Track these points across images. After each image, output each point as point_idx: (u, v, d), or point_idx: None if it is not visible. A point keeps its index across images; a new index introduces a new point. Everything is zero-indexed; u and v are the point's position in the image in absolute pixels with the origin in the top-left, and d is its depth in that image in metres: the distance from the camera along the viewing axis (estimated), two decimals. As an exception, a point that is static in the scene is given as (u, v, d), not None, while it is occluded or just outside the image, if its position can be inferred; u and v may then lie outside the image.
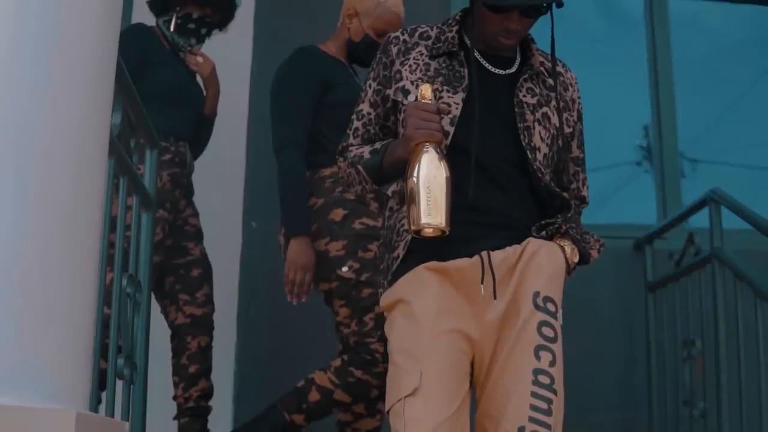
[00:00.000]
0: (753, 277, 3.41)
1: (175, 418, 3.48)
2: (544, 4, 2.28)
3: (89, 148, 1.82)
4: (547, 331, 2.18)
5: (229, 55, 4.54)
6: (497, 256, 2.21)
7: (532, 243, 2.25)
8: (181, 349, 3.51)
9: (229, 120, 4.47)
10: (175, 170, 3.45)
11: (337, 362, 3.14)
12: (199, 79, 3.71)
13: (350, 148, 2.39)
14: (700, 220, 4.09)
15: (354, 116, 2.44)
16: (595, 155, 3.69)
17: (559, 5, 2.31)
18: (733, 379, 3.54)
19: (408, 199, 2.09)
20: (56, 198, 1.73)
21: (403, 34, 2.41)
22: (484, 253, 2.21)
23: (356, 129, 2.42)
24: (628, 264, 4.45)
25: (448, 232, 2.07)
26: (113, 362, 2.55)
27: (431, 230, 2.07)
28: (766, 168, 5.60)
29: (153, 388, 2.94)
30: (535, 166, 2.29)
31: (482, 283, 2.19)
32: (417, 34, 2.41)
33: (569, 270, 2.31)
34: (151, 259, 2.93)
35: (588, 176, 2.49)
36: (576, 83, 2.49)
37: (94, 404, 2.43)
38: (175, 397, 3.49)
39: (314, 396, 3.11)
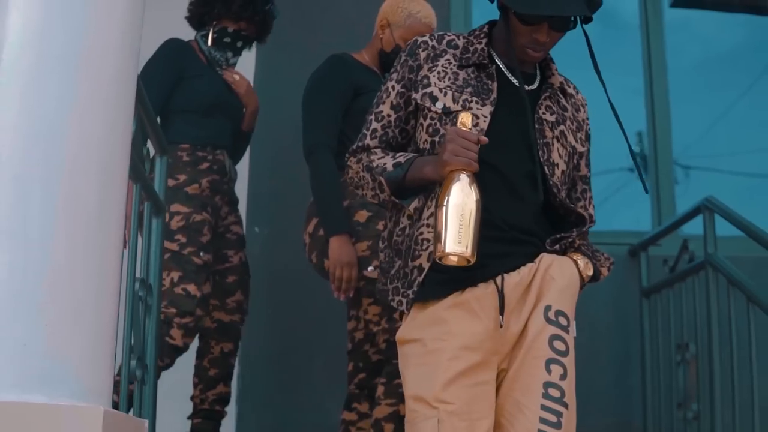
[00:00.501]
0: (745, 282, 3.44)
1: (189, 418, 3.53)
2: (572, 18, 2.29)
3: (112, 158, 1.89)
4: (559, 345, 2.18)
5: None
6: (511, 279, 2.22)
7: (545, 258, 2.26)
8: (204, 352, 3.56)
9: None
10: (214, 177, 3.50)
11: (380, 390, 3.16)
12: None
13: (373, 151, 2.36)
14: (694, 227, 4.12)
15: (372, 117, 2.40)
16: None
17: (588, 20, 2.33)
18: (726, 382, 3.57)
19: (438, 224, 2.09)
20: (82, 205, 1.81)
21: (431, 39, 2.39)
22: (498, 279, 2.21)
23: (375, 130, 2.39)
24: (624, 270, 4.47)
25: (472, 262, 2.09)
26: (126, 363, 2.63)
27: (456, 258, 2.08)
28: (758, 175, 5.63)
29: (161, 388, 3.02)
30: (551, 182, 2.29)
31: (501, 314, 2.20)
32: (445, 41, 2.40)
33: (582, 284, 2.32)
34: (161, 264, 3.00)
35: None
36: (585, 105, 2.51)
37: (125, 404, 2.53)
38: (192, 398, 3.54)
39: (389, 428, 3.12)
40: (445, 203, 2.07)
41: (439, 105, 2.29)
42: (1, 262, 1.73)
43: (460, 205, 2.06)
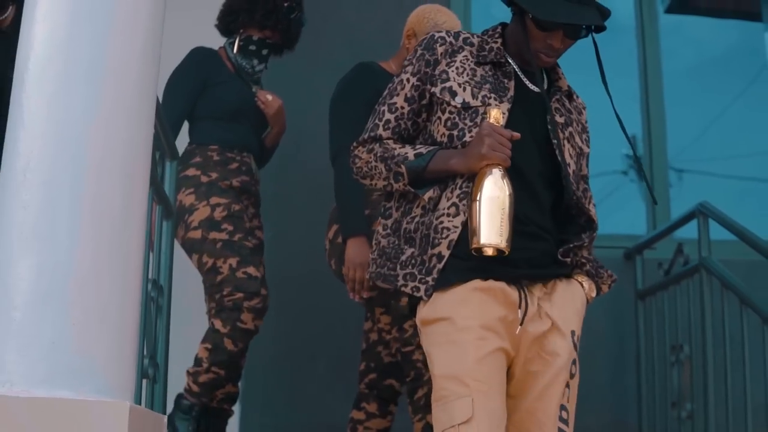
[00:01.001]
0: (738, 285, 3.51)
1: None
2: (585, 27, 2.34)
3: (134, 163, 1.97)
4: (573, 368, 2.28)
5: None
6: (533, 291, 2.28)
7: (558, 283, 2.32)
8: None
9: None
10: (243, 178, 3.57)
11: (409, 410, 3.23)
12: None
13: (386, 141, 2.37)
14: (688, 231, 4.16)
15: (385, 108, 2.40)
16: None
17: (601, 29, 2.37)
18: (720, 382, 3.64)
19: (474, 216, 2.14)
20: (107, 209, 1.89)
21: (448, 35, 2.41)
22: (521, 288, 2.26)
23: (388, 121, 2.39)
24: (620, 272, 4.36)
25: (507, 252, 2.15)
26: (140, 362, 2.70)
27: (492, 250, 2.14)
28: (751, 178, 5.66)
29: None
30: (567, 180, 2.34)
31: (520, 307, 2.24)
32: (461, 38, 2.42)
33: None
34: (171, 264, 3.07)
35: None
36: (585, 109, 2.56)
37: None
38: None
39: None
40: (479, 197, 2.14)
41: (458, 99, 2.31)
42: (31, 264, 1.81)
43: (496, 198, 2.12)
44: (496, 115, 2.20)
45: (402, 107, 2.38)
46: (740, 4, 6.07)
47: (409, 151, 2.31)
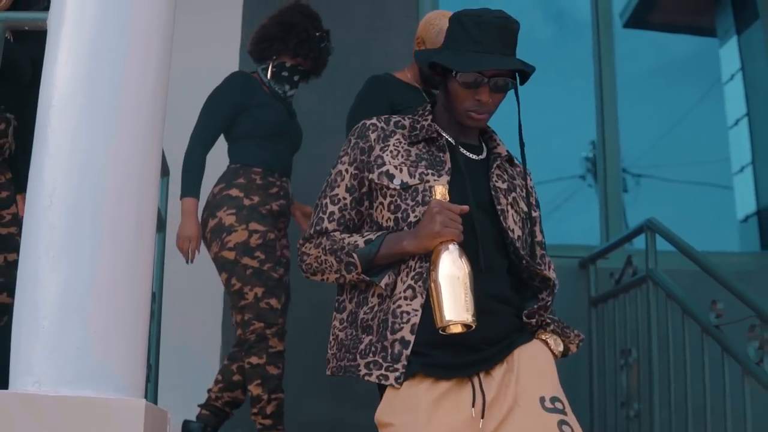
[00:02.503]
0: (681, 296, 3.73)
1: (200, 406, 3.80)
2: (509, 80, 2.31)
3: (146, 187, 2.20)
4: (566, 429, 2.16)
5: (216, 73, 4.86)
6: (488, 381, 2.22)
7: (519, 351, 2.25)
8: (236, 358, 3.78)
9: (217, 143, 4.80)
10: (281, 202, 3.76)
11: None
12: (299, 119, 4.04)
13: (332, 234, 2.35)
14: (639, 241, 4.36)
15: (327, 201, 2.39)
16: (541, 167, 3.98)
17: (525, 80, 2.36)
18: (664, 384, 3.84)
19: (435, 296, 2.11)
20: (123, 230, 2.12)
21: (379, 121, 2.41)
22: (476, 380, 2.21)
23: (332, 213, 2.37)
24: (574, 281, 4.73)
25: (474, 326, 2.11)
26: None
27: (459, 327, 2.11)
28: (706, 184, 5.97)
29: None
30: (519, 245, 2.31)
31: (473, 406, 2.18)
32: (392, 122, 2.41)
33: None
34: (162, 273, 3.31)
35: (536, 188, 2.54)
36: (529, 174, 2.51)
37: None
38: (209, 390, 3.80)
39: None
40: (438, 275, 2.11)
41: (396, 181, 2.30)
42: (57, 279, 2.05)
43: (455, 274, 2.10)
44: (442, 191, 2.19)
45: (344, 198, 2.37)
46: (695, 20, 6.37)
47: (359, 240, 2.29)
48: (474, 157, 2.40)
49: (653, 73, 6.12)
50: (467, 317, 2.09)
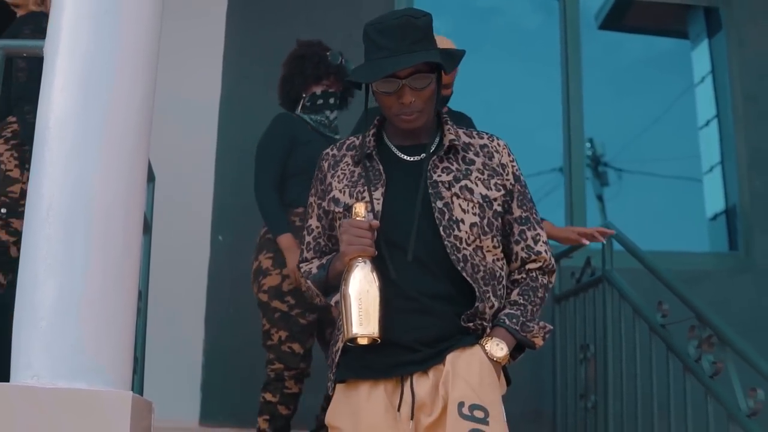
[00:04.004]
0: (633, 296, 3.94)
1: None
2: (430, 73, 2.28)
3: (133, 203, 2.44)
4: None
5: (198, 81, 5.06)
6: (421, 381, 2.24)
7: (451, 356, 2.23)
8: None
9: (199, 143, 5.01)
10: None
11: None
12: None
13: (310, 261, 2.46)
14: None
15: (305, 232, 2.48)
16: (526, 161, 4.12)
17: (447, 69, 2.31)
18: (617, 378, 4.04)
19: (341, 310, 2.19)
20: (111, 242, 2.36)
21: (332, 149, 2.48)
22: (407, 381, 2.25)
23: (308, 243, 2.47)
24: None
25: (380, 340, 2.17)
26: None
27: (365, 340, 2.18)
28: (687, 178, 6.11)
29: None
30: (448, 242, 2.27)
31: (398, 410, 2.24)
32: (345, 146, 2.46)
33: (502, 362, 2.29)
34: (148, 272, 3.53)
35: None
36: (504, 148, 2.44)
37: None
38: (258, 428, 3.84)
39: None
40: (346, 289, 2.18)
41: (341, 205, 2.37)
42: (54, 284, 2.28)
43: (357, 290, 2.16)
44: (358, 209, 2.22)
45: (316, 227, 2.47)
46: (669, 23, 6.54)
47: (314, 266, 2.43)
48: (415, 158, 2.38)
49: (633, 70, 6.24)
50: (370, 331, 2.15)
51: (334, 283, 2.35)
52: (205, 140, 4.99)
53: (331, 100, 3.97)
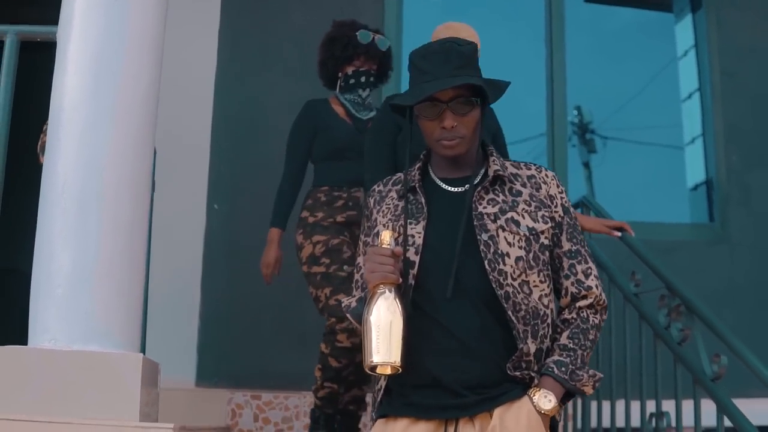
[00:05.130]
0: (609, 266, 4.04)
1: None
2: (474, 99, 2.25)
3: (141, 181, 2.65)
4: None
5: (195, 55, 5.21)
6: (467, 430, 2.17)
7: (499, 410, 2.16)
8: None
9: (196, 115, 5.16)
10: (350, 213, 3.92)
11: None
12: None
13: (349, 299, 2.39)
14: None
15: (355, 270, 2.43)
16: (511, 127, 4.17)
17: (486, 96, 2.27)
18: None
19: (363, 338, 2.13)
20: (121, 216, 2.57)
21: (378, 185, 2.44)
22: (451, 427, 2.18)
23: (356, 281, 2.40)
24: None
25: (401, 369, 2.11)
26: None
27: (387, 368, 2.12)
28: (672, 146, 6.17)
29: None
30: (493, 276, 2.19)
31: None
32: (390, 182, 2.42)
33: (552, 413, 2.20)
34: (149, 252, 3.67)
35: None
36: (553, 179, 2.37)
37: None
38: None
39: None
40: (366, 318, 2.13)
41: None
42: (69, 255, 2.49)
43: (377, 318, 2.11)
44: (383, 237, 2.19)
45: (365, 265, 2.32)
46: (654, -4, 6.66)
47: (353, 300, 2.35)
48: (459, 190, 2.32)
49: (619, 38, 6.29)
50: (389, 359, 2.10)
51: None
52: (201, 113, 5.10)
53: (362, 79, 4.05)
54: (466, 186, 2.31)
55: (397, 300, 2.13)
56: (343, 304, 2.37)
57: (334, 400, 3.86)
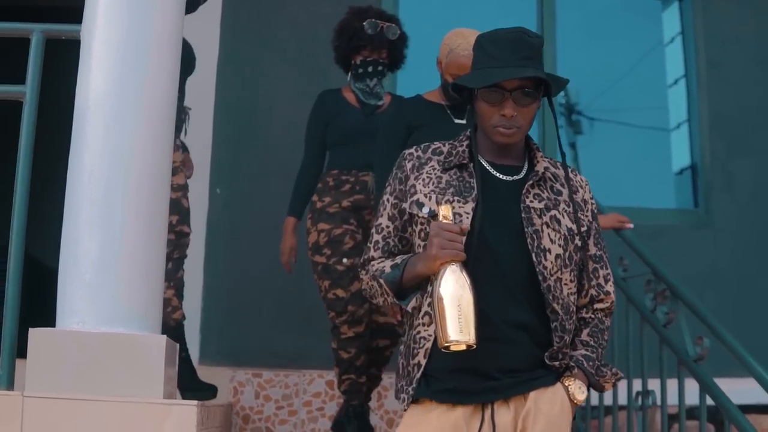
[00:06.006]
0: None
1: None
2: (539, 91, 2.28)
3: (161, 173, 2.79)
4: None
5: (198, 44, 5.30)
6: (502, 412, 2.22)
7: (536, 394, 2.23)
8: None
9: (198, 103, 5.24)
10: (356, 197, 4.04)
11: None
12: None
13: (372, 262, 2.39)
14: None
15: (374, 230, 2.42)
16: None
17: (548, 91, 2.30)
18: None
19: (436, 315, 2.11)
20: (144, 206, 2.71)
21: (417, 150, 2.42)
22: (488, 409, 2.22)
23: (377, 242, 2.39)
24: None
25: (475, 346, 2.10)
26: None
27: (460, 345, 2.10)
28: (659, 129, 6.31)
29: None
30: (539, 269, 2.24)
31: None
32: (430, 150, 2.41)
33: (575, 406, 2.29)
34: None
35: None
36: (586, 185, 2.43)
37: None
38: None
39: None
40: (440, 295, 2.11)
41: (425, 210, 2.31)
42: (96, 242, 2.63)
43: (454, 295, 2.10)
44: (445, 212, 2.19)
45: (387, 226, 2.40)
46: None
47: (387, 264, 2.34)
48: (508, 178, 2.36)
49: (607, 17, 6.35)
50: (467, 337, 2.10)
51: (408, 285, 2.31)
52: (203, 100, 5.21)
53: (370, 69, 4.12)
54: (515, 176, 2.36)
55: (467, 277, 2.13)
56: (374, 268, 2.36)
57: (357, 390, 4.01)
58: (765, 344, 5.15)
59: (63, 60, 3.28)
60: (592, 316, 2.39)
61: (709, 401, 3.45)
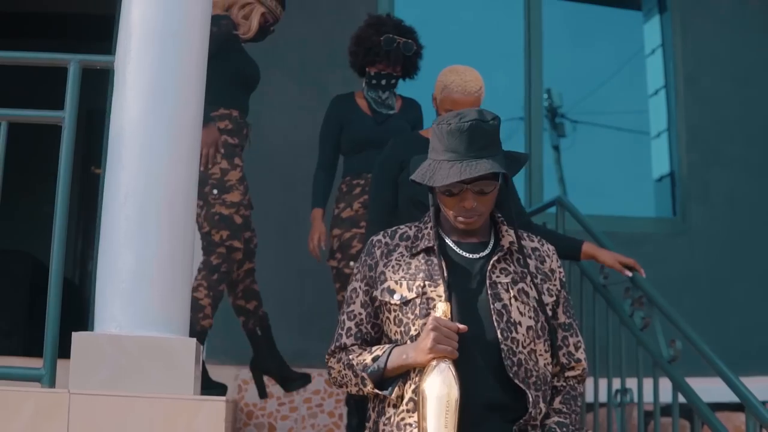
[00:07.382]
0: (580, 261, 4.41)
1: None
2: (494, 180, 2.29)
3: (190, 188, 3.04)
4: None
5: None
6: None
7: None
8: None
9: None
10: (364, 199, 4.17)
11: None
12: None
13: (350, 349, 2.39)
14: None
15: (345, 317, 2.43)
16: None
17: (504, 176, 2.33)
18: None
19: (422, 410, 2.12)
20: (176, 220, 2.95)
21: (384, 237, 2.44)
22: None
23: (349, 329, 2.41)
24: None
25: None
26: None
27: None
28: (639, 131, 6.50)
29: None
30: (506, 344, 2.25)
31: None
32: (397, 235, 2.43)
33: None
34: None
35: None
36: (554, 254, 2.45)
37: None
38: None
39: None
40: (429, 391, 2.14)
41: (396, 297, 2.33)
42: (132, 254, 2.87)
43: (443, 395, 2.12)
44: (444, 309, 2.20)
45: (360, 313, 2.43)
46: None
47: (367, 357, 2.35)
48: (474, 256, 2.39)
49: (592, 20, 6.52)
50: None
51: (390, 375, 2.32)
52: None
53: (383, 82, 4.26)
54: (480, 253, 2.39)
55: (455, 377, 2.17)
56: (354, 361, 2.38)
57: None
58: (738, 345, 5.46)
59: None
60: (564, 384, 2.43)
61: (681, 399, 3.67)
